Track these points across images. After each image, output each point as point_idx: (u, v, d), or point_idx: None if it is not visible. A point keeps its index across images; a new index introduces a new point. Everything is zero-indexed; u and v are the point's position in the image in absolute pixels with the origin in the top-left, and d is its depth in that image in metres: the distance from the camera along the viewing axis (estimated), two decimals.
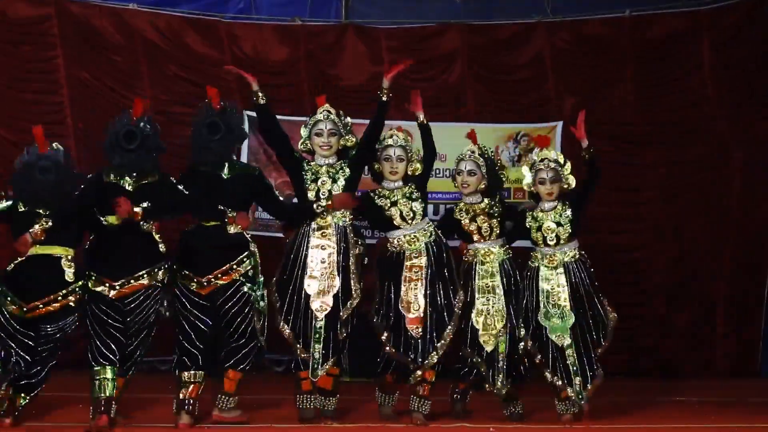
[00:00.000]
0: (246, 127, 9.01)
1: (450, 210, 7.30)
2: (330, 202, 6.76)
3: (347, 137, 6.96)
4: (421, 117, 7.14)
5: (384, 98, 6.89)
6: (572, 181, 7.07)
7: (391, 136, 7.10)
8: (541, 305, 6.96)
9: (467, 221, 7.09)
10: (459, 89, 10.27)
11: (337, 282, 6.73)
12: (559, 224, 7.03)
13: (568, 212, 7.05)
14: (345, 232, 6.80)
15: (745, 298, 10.08)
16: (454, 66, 10.28)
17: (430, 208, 9.14)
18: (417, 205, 6.95)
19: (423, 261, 6.87)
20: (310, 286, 6.70)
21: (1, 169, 9.83)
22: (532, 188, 7.11)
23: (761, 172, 10.03)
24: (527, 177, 7.14)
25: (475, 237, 7.08)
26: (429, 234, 6.95)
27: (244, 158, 9.57)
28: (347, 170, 6.88)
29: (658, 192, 10.14)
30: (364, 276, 6.90)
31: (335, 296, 6.72)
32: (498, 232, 7.07)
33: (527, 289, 7.04)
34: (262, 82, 9.89)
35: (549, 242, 7.02)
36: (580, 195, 7.15)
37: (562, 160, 7.09)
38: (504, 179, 7.47)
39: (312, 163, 6.93)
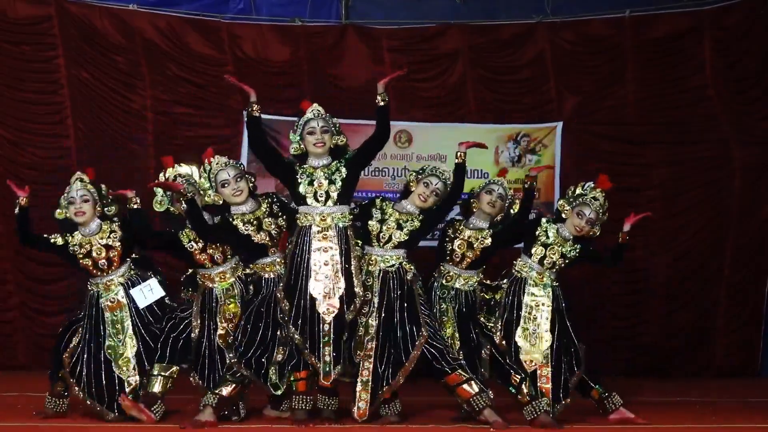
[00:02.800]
0: None
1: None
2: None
3: (338, 137, 6.92)
4: (461, 157, 6.99)
5: (381, 103, 6.86)
6: (598, 232, 7.07)
7: (433, 172, 7.00)
8: (522, 320, 6.94)
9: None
10: (460, 89, 10.26)
11: (342, 284, 6.73)
12: (564, 257, 7.01)
13: (575, 253, 7.02)
14: (345, 233, 6.80)
15: (746, 298, 10.07)
16: (455, 66, 10.27)
17: None
18: (400, 234, 6.92)
19: (376, 286, 6.87)
20: (315, 289, 6.70)
21: (0, 169, 9.85)
22: (563, 211, 7.04)
23: (762, 172, 10.02)
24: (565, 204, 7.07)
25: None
26: (391, 264, 6.91)
27: (244, 158, 9.56)
28: (344, 170, 6.83)
29: (659, 192, 10.13)
30: None
31: (340, 298, 6.73)
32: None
33: (509, 298, 7.02)
34: (263, 83, 10.03)
35: (545, 263, 7.01)
36: (591, 258, 7.17)
37: (605, 208, 7.05)
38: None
39: (305, 166, 6.87)
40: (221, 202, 6.91)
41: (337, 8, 10.40)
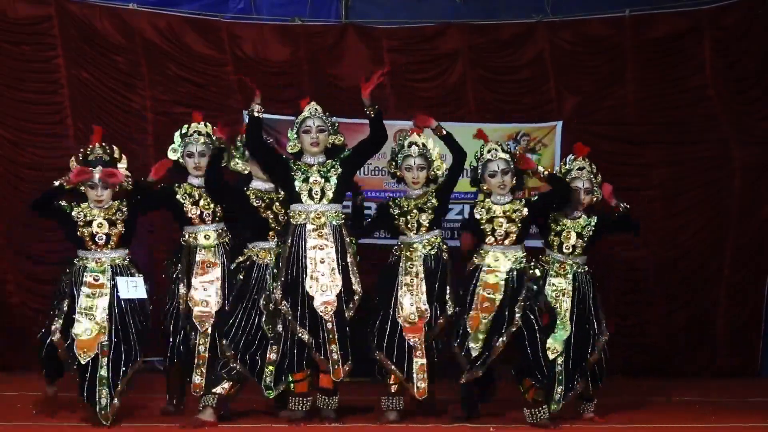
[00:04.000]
0: None
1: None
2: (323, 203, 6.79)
3: (335, 136, 6.98)
4: (438, 130, 7.17)
5: (372, 114, 6.87)
6: (600, 195, 7.14)
7: (410, 145, 7.11)
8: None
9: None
10: (459, 89, 10.26)
11: (339, 281, 6.74)
12: (581, 236, 7.03)
13: (592, 226, 7.05)
14: (340, 230, 6.81)
15: (746, 298, 10.07)
16: (455, 66, 10.27)
17: None
18: (426, 216, 6.96)
19: (420, 271, 6.91)
20: (312, 287, 6.70)
21: (0, 169, 9.85)
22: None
23: (762, 172, 10.01)
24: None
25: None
26: (432, 248, 6.95)
27: None
28: (339, 168, 6.87)
29: (659, 192, 10.13)
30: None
31: (338, 296, 6.73)
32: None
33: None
34: (262, 82, 9.96)
35: (564, 250, 7.03)
36: (616, 226, 7.25)
37: (594, 171, 7.15)
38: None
39: (300, 162, 6.91)
40: (246, 171, 7.12)
41: (337, 8, 10.39)
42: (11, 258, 9.87)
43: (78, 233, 6.82)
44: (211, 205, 7.14)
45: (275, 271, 6.78)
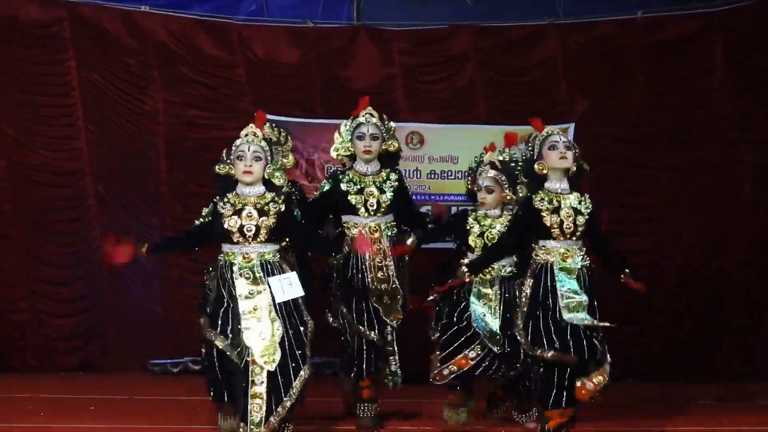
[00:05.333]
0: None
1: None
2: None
3: (390, 142, 6.85)
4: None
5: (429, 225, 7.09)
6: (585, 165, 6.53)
7: (487, 164, 6.88)
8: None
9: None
10: (470, 91, 10.24)
11: (400, 291, 6.79)
12: (578, 212, 6.12)
13: (588, 204, 6.18)
14: (394, 243, 6.82)
15: (752, 301, 10.01)
16: (465, 68, 10.25)
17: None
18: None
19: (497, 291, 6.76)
20: (374, 299, 6.74)
21: (11, 171, 9.87)
22: (541, 169, 6.20)
23: None
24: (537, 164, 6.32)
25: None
26: (508, 270, 6.78)
27: None
28: (396, 182, 6.83)
29: (668, 194, 10.09)
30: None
31: (402, 306, 6.79)
32: None
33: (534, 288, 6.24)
34: (273, 84, 10.04)
35: (565, 229, 6.07)
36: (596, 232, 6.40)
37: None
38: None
39: (352, 172, 6.84)
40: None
41: (348, 10, 10.39)
42: (22, 260, 9.88)
43: (224, 228, 5.88)
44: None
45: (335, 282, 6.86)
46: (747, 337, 9.99)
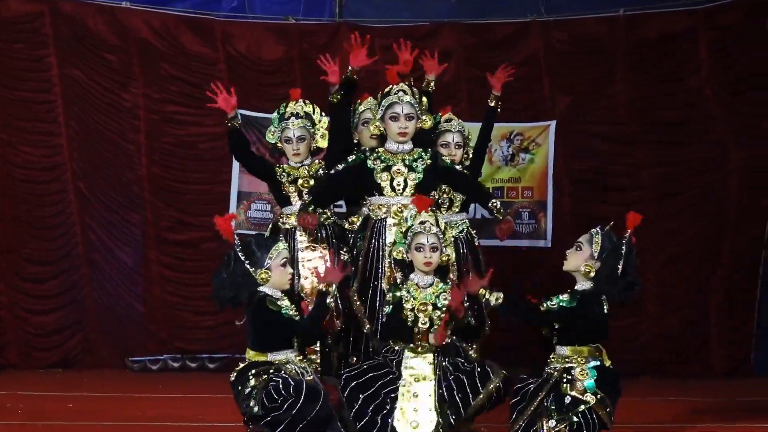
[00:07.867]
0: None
1: None
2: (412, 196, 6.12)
3: (423, 118, 6.44)
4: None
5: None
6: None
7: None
8: None
9: None
10: (453, 88, 10.22)
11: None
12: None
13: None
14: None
15: (739, 299, 10.02)
16: (449, 65, 10.23)
17: None
18: None
19: None
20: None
21: None
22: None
23: (759, 174, 9.97)
24: None
25: None
26: None
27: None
28: (428, 160, 6.36)
29: (654, 192, 10.09)
30: None
31: None
32: None
33: None
34: (255, 81, 10.00)
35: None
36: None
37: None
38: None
39: (380, 150, 6.39)
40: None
41: (331, 7, 10.38)
42: (3, 256, 9.83)
43: (283, 192, 6.63)
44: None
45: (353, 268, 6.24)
46: (734, 333, 10.01)
